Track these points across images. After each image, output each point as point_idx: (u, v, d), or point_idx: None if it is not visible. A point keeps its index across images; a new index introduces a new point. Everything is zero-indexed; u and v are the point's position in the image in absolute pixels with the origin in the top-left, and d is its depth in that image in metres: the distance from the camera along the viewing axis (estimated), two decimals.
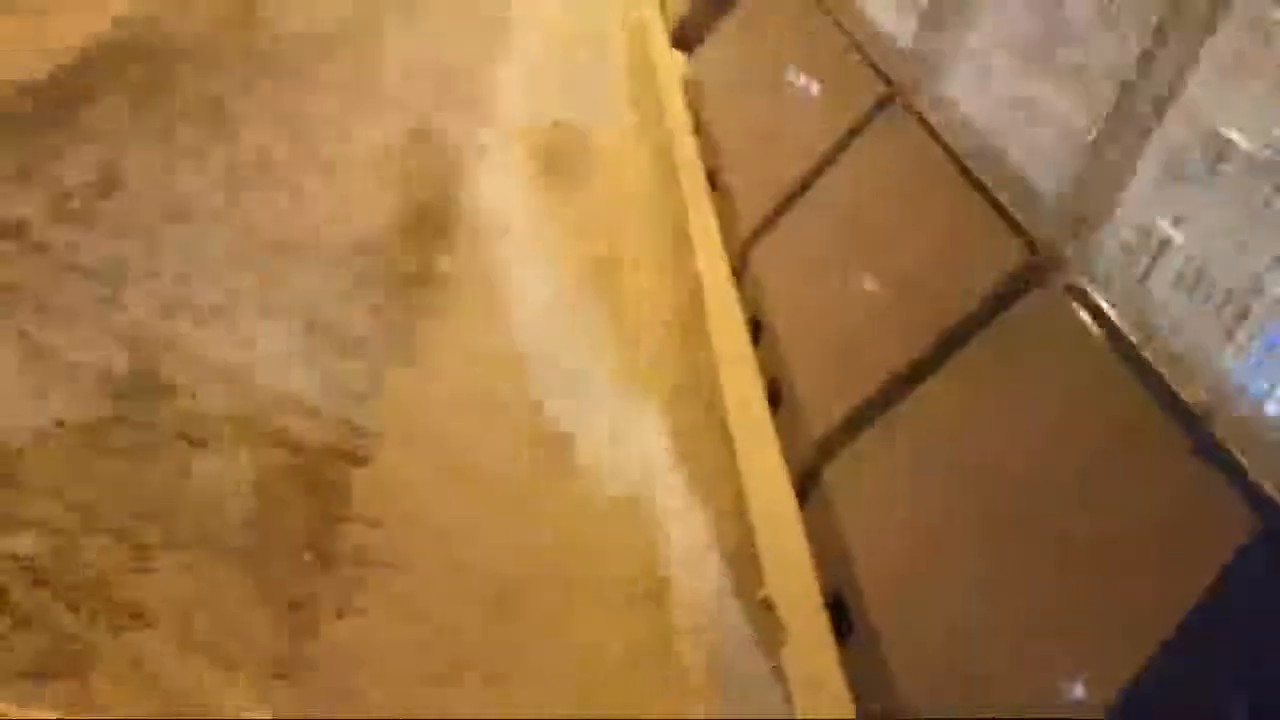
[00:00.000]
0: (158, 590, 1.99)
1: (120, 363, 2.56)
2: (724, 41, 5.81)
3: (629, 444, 2.92)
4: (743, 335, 3.54)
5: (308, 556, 2.17)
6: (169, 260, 3.03)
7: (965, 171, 2.97)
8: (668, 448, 2.93)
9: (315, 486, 2.38)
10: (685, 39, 6.35)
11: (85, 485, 2.18)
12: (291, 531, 2.23)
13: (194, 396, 2.53)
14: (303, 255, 3.28)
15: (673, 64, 6.24)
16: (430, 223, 3.78)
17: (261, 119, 4.02)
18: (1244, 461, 1.75)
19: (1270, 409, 1.85)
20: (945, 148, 3.12)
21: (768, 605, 2.36)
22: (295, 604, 2.05)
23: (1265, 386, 1.89)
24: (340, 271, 3.27)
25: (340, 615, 2.06)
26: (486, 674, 2.04)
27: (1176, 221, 2.32)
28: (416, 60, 5.18)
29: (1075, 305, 2.35)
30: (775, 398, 3.17)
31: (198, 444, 2.40)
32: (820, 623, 2.34)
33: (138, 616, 1.94)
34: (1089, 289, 2.34)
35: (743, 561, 2.53)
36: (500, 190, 4.24)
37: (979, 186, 2.87)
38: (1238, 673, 1.29)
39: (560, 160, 4.71)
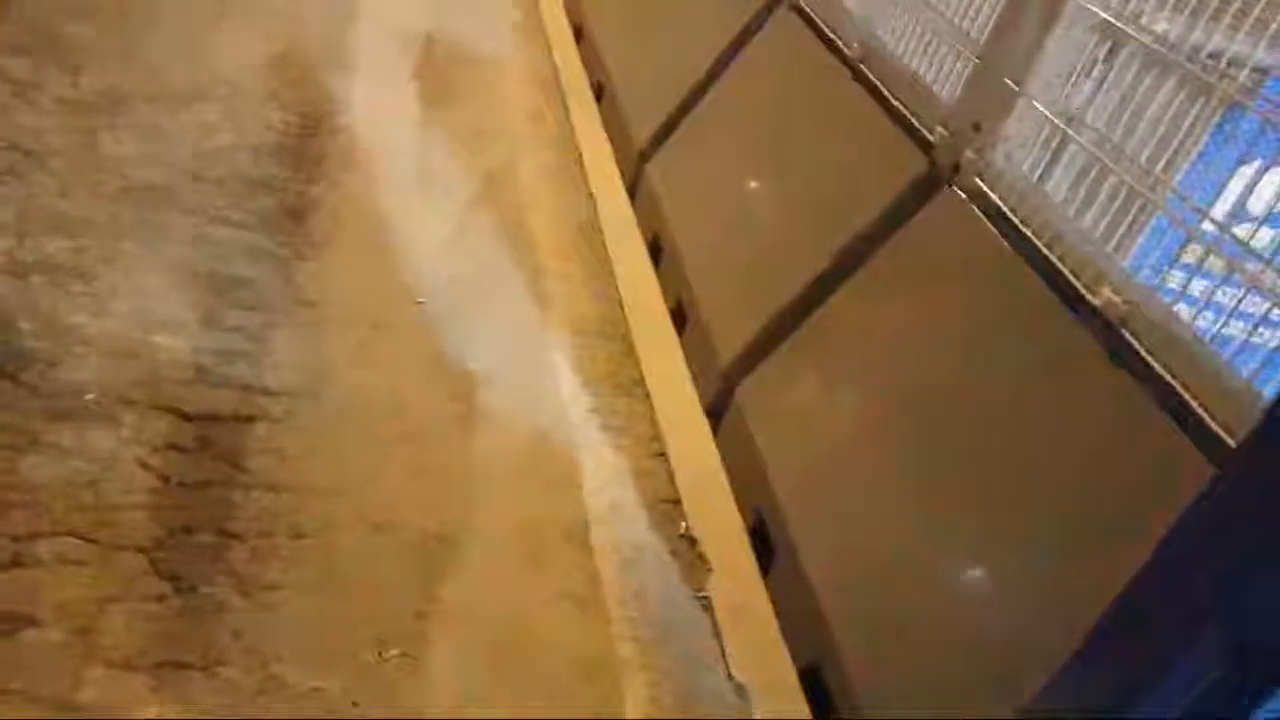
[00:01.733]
0: (41, 589, 1.84)
1: None
2: None
3: (538, 380, 2.83)
4: (643, 257, 3.45)
5: (205, 535, 2.04)
6: (9, 213, 2.75)
7: (861, 77, 2.90)
8: (578, 382, 2.86)
9: (207, 454, 2.23)
10: None
11: None
12: (186, 508, 2.08)
13: (58, 365, 2.33)
14: (167, 198, 3.03)
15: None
16: (304, 151, 3.54)
17: (104, 49, 3.67)
18: (1159, 366, 1.77)
19: (1182, 310, 1.87)
20: (839, 53, 3.04)
21: (689, 539, 2.34)
22: (195, 588, 1.92)
23: (1176, 288, 1.92)
24: (210, 213, 3.04)
25: (246, 594, 1.95)
26: (413, 642, 1.97)
27: (1071, 121, 2.32)
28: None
29: (977, 211, 2.33)
30: (680, 319, 3.11)
31: (70, 421, 2.21)
32: (743, 550, 2.34)
33: (21, 619, 1.79)
34: (990, 194, 2.33)
35: (661, 496, 2.50)
36: (376, 110, 3.99)
37: (875, 93, 2.81)
38: (1170, 581, 1.31)
39: (438, 76, 4.46)
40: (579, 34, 5.11)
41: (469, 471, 2.43)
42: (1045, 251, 2.12)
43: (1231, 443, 1.60)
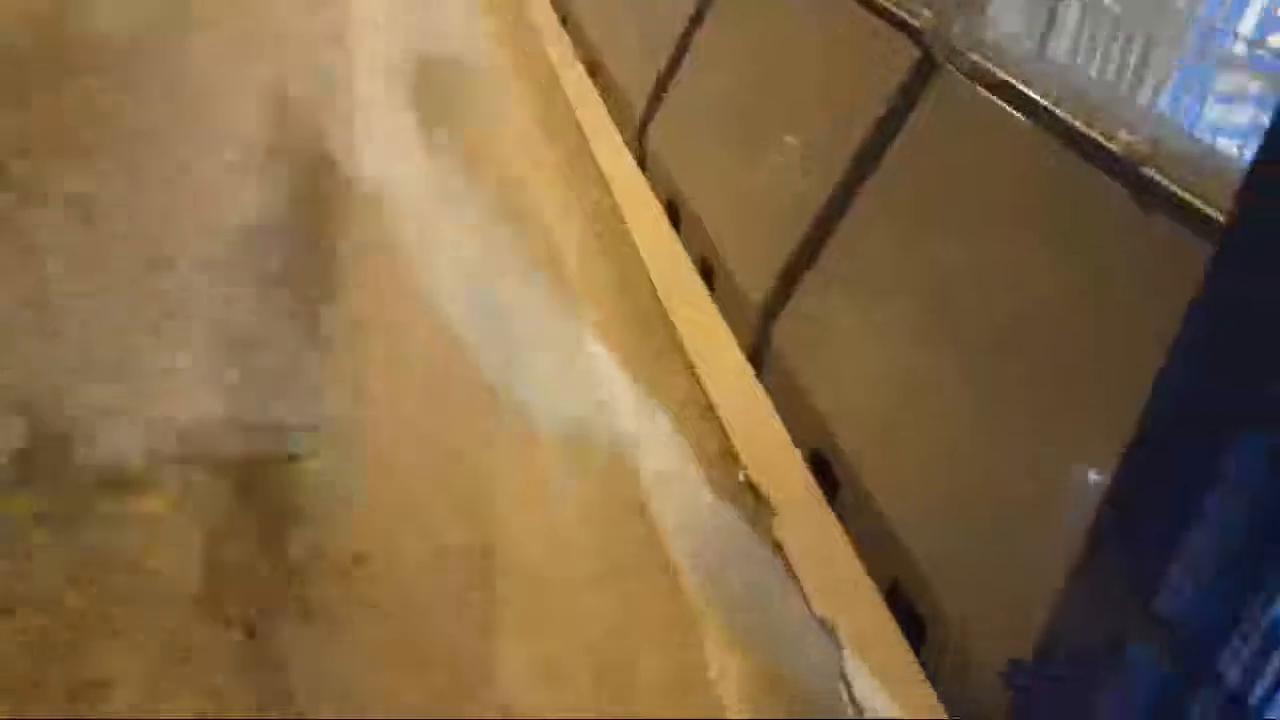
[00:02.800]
0: (112, 658, 1.85)
1: (14, 427, 2.37)
2: None
3: (574, 368, 2.77)
4: (663, 223, 3.37)
5: (264, 572, 2.04)
6: (23, 315, 2.80)
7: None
8: (615, 359, 2.79)
9: (253, 498, 2.23)
10: None
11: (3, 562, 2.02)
12: (240, 558, 2.08)
13: (100, 444, 2.36)
14: (180, 266, 3.06)
15: None
16: (311, 198, 3.56)
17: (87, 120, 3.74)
18: (1190, 196, 1.63)
19: (1203, 134, 1.73)
20: None
21: (750, 486, 2.26)
22: (253, 629, 1.92)
23: (1194, 113, 1.77)
24: (226, 274, 3.06)
25: (308, 621, 1.93)
26: (478, 661, 1.93)
27: None
28: (255, 35, 4.86)
29: (978, 88, 2.20)
30: (709, 275, 3.02)
31: (120, 491, 2.23)
32: (807, 488, 2.24)
33: (99, 686, 1.80)
34: (989, 66, 2.19)
35: (715, 449, 2.42)
36: (378, 145, 4.00)
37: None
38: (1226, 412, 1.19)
39: (433, 96, 4.45)
40: (564, 20, 5.06)
41: (519, 479, 2.38)
42: (1057, 110, 1.98)
43: None
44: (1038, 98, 2.03)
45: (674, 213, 3.35)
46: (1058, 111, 1.97)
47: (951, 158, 2.23)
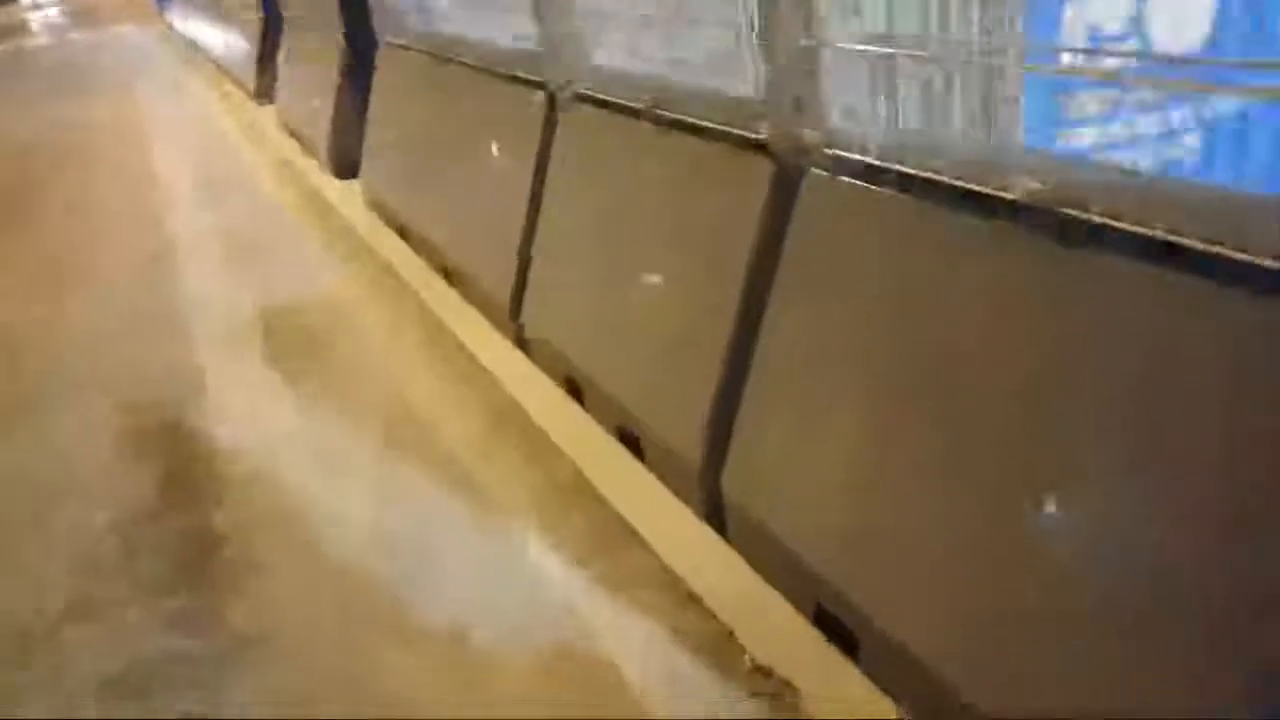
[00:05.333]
0: None
1: None
2: (381, 151, 5.43)
3: (525, 585, 2.49)
4: (567, 404, 3.16)
5: None
6: None
7: (664, 122, 2.70)
8: (567, 562, 2.52)
9: None
10: (344, 163, 5.94)
11: None
12: None
13: None
14: (37, 580, 2.68)
15: (345, 192, 5.82)
16: (181, 481, 3.23)
17: None
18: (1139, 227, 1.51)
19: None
20: (639, 113, 2.84)
21: (762, 670, 1.99)
22: None
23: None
24: (99, 585, 2.69)
25: None
26: None
27: (883, 39, 2.11)
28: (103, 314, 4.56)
29: (847, 179, 2.10)
30: (636, 447, 2.80)
31: None
32: (822, 652, 1.99)
33: None
34: (848, 155, 2.09)
35: (708, 636, 2.15)
36: (244, 406, 3.71)
37: (683, 128, 2.60)
38: None
39: (290, 341, 4.21)
40: (404, 233, 4.93)
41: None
42: (937, 177, 1.88)
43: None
44: (916, 172, 1.92)
45: (575, 390, 3.15)
46: (942, 177, 1.86)
47: (846, 253, 2.10)
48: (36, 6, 25.80)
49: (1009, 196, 1.72)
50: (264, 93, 8.56)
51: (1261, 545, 1.30)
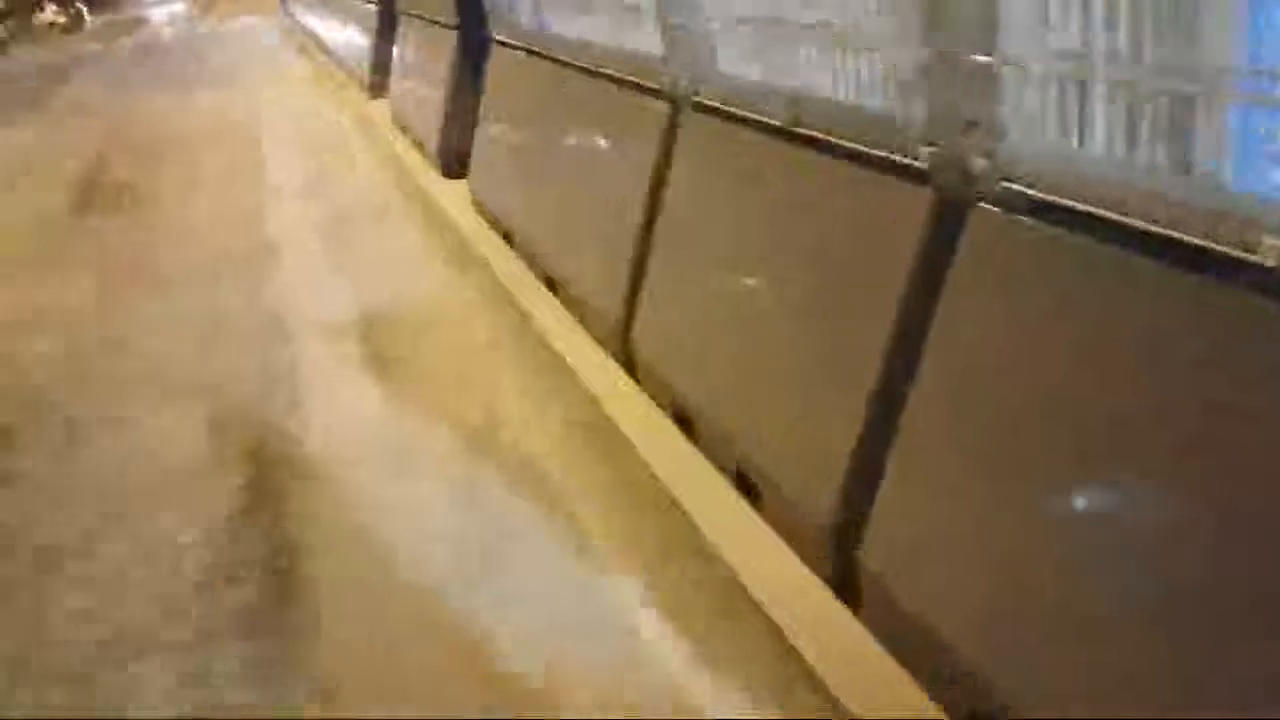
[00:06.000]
0: None
1: None
2: (491, 153, 5.29)
3: (605, 629, 2.29)
4: (675, 437, 2.92)
5: None
6: None
7: (804, 140, 2.44)
8: (658, 618, 2.30)
9: None
10: (452, 163, 5.82)
11: None
12: None
13: None
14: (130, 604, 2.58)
15: (451, 191, 5.70)
16: (266, 495, 3.12)
17: None
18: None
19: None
20: (765, 128, 2.59)
21: None
22: None
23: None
24: (180, 613, 2.58)
25: None
26: None
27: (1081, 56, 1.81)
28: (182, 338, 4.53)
29: (1019, 218, 1.81)
30: (751, 492, 2.55)
31: None
32: None
33: None
34: (1027, 190, 1.81)
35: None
36: (335, 420, 3.59)
37: (827, 148, 2.34)
38: None
39: (386, 350, 4.09)
40: (509, 239, 4.77)
41: None
42: (1138, 224, 1.59)
43: None
44: (1106, 211, 1.63)
45: (686, 425, 2.91)
46: (1140, 224, 1.57)
47: (1012, 298, 1.82)
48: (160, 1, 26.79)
49: (1253, 259, 1.42)
50: (378, 87, 8.55)
51: None
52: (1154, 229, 1.57)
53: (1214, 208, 1.50)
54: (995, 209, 1.88)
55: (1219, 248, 1.47)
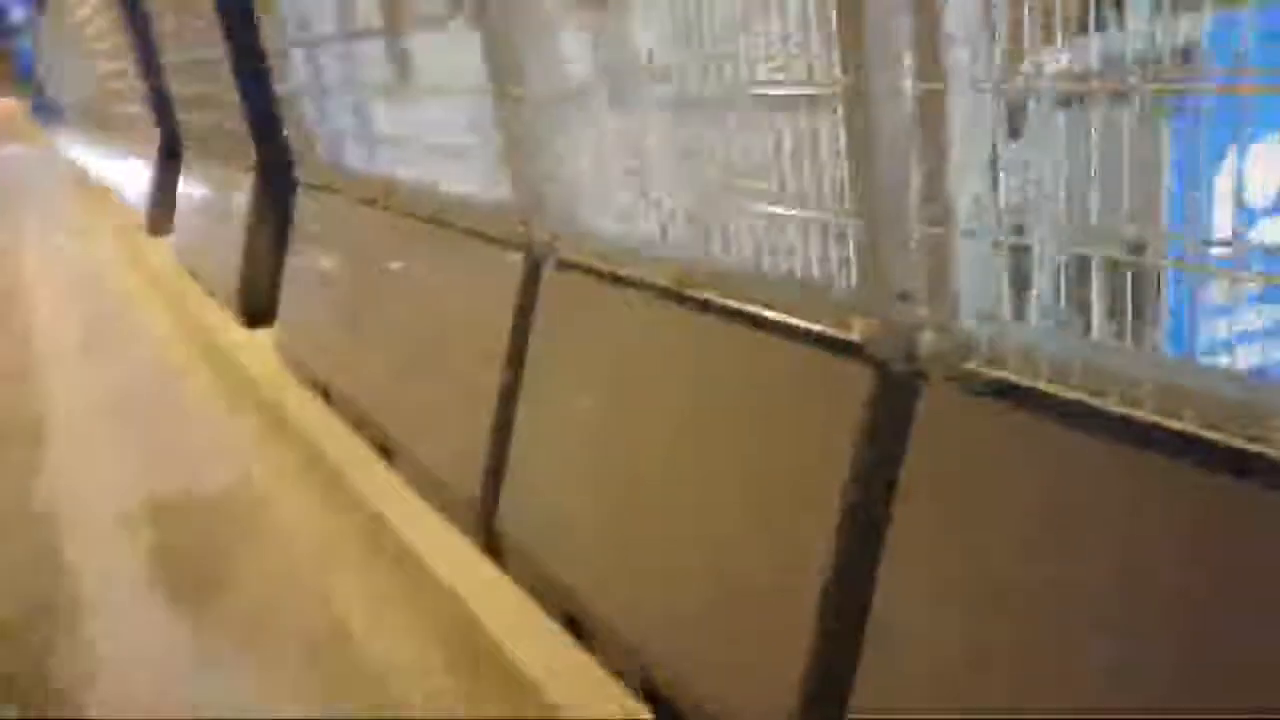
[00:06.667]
0: None
1: None
2: (303, 303, 4.77)
3: None
4: (567, 647, 2.48)
5: None
6: None
7: (706, 307, 2.16)
8: None
9: None
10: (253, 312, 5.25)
11: None
12: None
13: None
14: None
15: (254, 343, 5.10)
16: None
17: None
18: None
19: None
20: (664, 290, 2.30)
21: None
22: None
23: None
24: None
25: None
26: None
27: (1013, 214, 1.62)
28: None
29: (978, 398, 1.58)
30: (668, 713, 2.16)
31: None
32: None
33: None
34: (987, 372, 1.58)
35: None
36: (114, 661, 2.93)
37: (761, 324, 2.04)
38: None
39: (187, 562, 3.45)
40: (326, 396, 4.25)
41: None
42: (1118, 409, 1.38)
43: None
44: (1077, 392, 1.42)
45: (575, 627, 2.50)
46: (1122, 410, 1.36)
47: (985, 481, 1.58)
48: None
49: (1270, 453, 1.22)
50: (159, 225, 7.81)
51: None
52: (1164, 422, 1.35)
53: (1206, 390, 1.31)
54: (952, 387, 1.64)
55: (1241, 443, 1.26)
